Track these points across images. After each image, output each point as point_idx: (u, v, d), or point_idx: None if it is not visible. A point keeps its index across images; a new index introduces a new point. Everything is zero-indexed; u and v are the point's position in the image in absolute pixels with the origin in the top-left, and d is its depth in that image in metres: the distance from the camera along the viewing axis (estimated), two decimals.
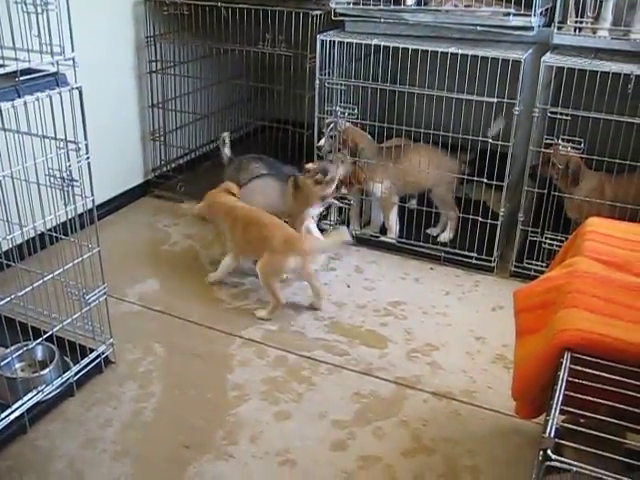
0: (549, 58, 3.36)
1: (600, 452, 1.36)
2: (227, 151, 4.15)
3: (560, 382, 1.51)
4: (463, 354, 3.14)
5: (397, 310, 3.47)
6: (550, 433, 1.31)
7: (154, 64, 4.46)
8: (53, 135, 2.52)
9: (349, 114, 3.85)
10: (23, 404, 2.55)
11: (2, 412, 2.49)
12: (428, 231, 4.12)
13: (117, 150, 4.43)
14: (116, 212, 4.48)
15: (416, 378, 2.96)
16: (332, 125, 3.95)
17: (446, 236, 4.03)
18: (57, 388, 2.73)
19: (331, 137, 4.01)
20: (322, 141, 3.99)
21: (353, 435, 2.62)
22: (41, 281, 2.65)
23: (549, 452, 1.28)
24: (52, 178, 2.55)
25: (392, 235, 4.08)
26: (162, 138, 4.66)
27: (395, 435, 2.63)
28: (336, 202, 3.92)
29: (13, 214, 2.70)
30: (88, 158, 2.63)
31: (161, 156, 4.73)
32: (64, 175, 2.56)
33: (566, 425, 1.45)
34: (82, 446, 2.53)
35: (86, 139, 2.61)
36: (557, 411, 1.38)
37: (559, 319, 1.79)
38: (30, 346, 2.65)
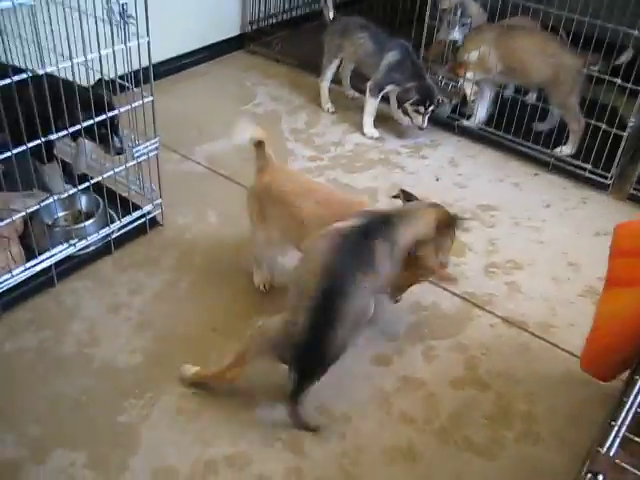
0: None
1: None
2: (330, 9, 3.64)
3: None
4: (549, 279, 2.71)
5: (486, 215, 3.03)
6: (610, 448, 0.91)
7: None
8: None
9: None
10: (52, 256, 2.38)
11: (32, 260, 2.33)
12: (534, 126, 3.54)
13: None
14: (206, 63, 4.18)
15: (488, 297, 2.57)
16: (459, 10, 3.41)
17: (567, 150, 3.41)
18: (95, 244, 2.54)
19: (462, 25, 3.48)
20: (455, 33, 3.46)
21: (401, 351, 2.31)
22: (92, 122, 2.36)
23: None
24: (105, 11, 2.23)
25: (474, 120, 3.57)
26: None
27: (448, 359, 2.29)
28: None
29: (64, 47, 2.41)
30: None
31: (260, 8, 4.30)
32: (119, 9, 2.23)
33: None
34: (107, 310, 2.35)
35: None
36: (629, 418, 0.97)
37: None
38: (71, 192, 2.42)
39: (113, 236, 2.56)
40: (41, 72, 2.12)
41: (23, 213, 2.26)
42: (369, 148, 3.44)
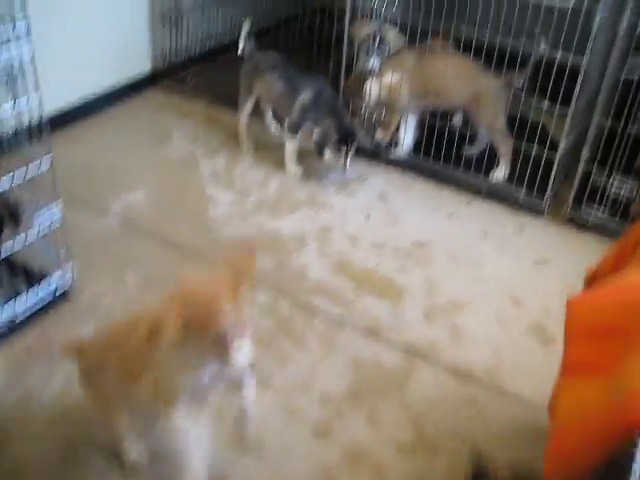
0: None
1: None
2: (245, 43, 3.43)
3: None
4: (492, 318, 2.57)
5: (421, 252, 2.88)
6: None
7: None
8: None
9: (387, 8, 3.14)
10: None
11: None
12: (463, 150, 3.43)
13: (121, 33, 3.82)
14: (118, 103, 3.91)
15: (431, 345, 2.41)
16: (377, 37, 3.29)
17: (499, 175, 3.29)
18: None
19: (380, 52, 3.37)
20: (372, 61, 3.33)
21: (341, 416, 2.11)
22: None
23: None
24: None
25: (401, 149, 3.44)
26: (174, 20, 3.99)
27: (392, 422, 2.11)
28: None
29: None
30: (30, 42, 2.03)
31: (172, 43, 4.09)
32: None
33: None
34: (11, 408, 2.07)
35: (25, 16, 1.99)
36: None
37: (636, 368, 1.17)
38: None
39: (18, 314, 2.29)
40: None
41: None
42: (294, 188, 3.26)
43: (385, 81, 3.27)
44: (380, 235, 2.96)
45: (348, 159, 3.17)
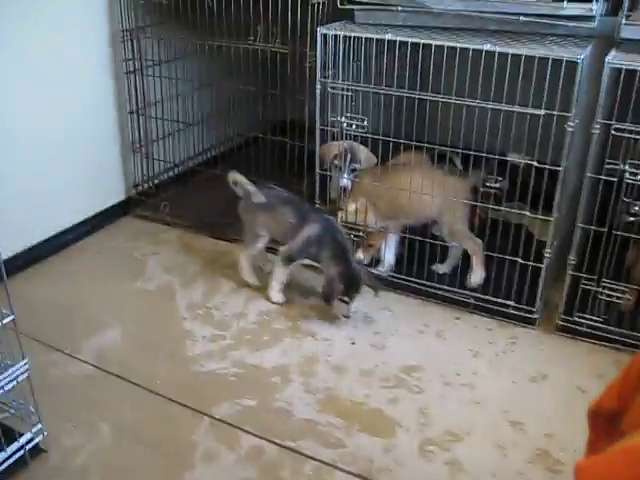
0: (614, 58, 2.55)
1: None
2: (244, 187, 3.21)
3: None
4: (493, 448, 2.40)
5: (411, 379, 2.73)
6: None
7: (131, 63, 3.77)
8: None
9: (357, 126, 3.11)
10: None
11: None
12: (433, 267, 3.31)
13: (92, 164, 3.79)
14: (91, 235, 3.83)
15: None
16: (349, 155, 3.27)
17: (475, 278, 3.20)
18: None
19: (352, 171, 3.32)
20: (344, 181, 3.29)
21: None
22: None
23: None
24: None
25: (382, 267, 3.36)
26: (143, 149, 3.98)
27: None
28: None
29: None
30: None
31: (143, 170, 4.05)
32: None
33: None
34: None
35: None
36: None
37: None
38: None
39: None
40: None
41: None
42: (275, 315, 3.13)
43: (350, 209, 3.23)
44: (367, 363, 2.82)
45: (351, 308, 3.01)
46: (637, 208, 2.67)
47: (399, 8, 3.05)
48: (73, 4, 3.44)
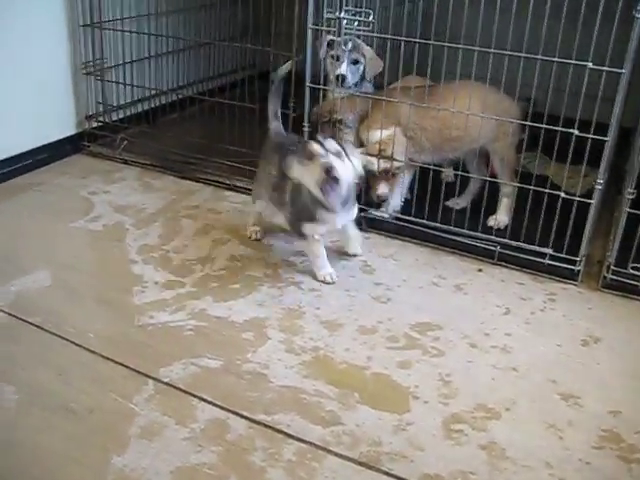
0: None
1: None
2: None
3: None
4: (543, 428, 1.75)
5: (427, 339, 2.08)
6: None
7: None
8: None
9: (360, 23, 2.46)
10: None
11: None
12: (449, 203, 2.77)
13: (35, 88, 3.12)
14: (33, 171, 3.16)
15: (462, 479, 1.58)
16: (350, 44, 2.66)
17: (501, 219, 2.68)
18: None
19: (354, 62, 2.72)
20: (343, 67, 2.67)
21: None
22: None
23: None
24: None
25: (386, 208, 2.73)
26: (97, 73, 3.29)
27: None
28: None
29: None
30: None
31: (101, 100, 3.37)
32: None
33: None
34: None
35: None
36: None
37: None
38: None
39: None
40: None
41: None
42: (250, 261, 2.47)
43: (373, 138, 2.57)
44: (368, 318, 2.16)
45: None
46: None
47: None
48: None
